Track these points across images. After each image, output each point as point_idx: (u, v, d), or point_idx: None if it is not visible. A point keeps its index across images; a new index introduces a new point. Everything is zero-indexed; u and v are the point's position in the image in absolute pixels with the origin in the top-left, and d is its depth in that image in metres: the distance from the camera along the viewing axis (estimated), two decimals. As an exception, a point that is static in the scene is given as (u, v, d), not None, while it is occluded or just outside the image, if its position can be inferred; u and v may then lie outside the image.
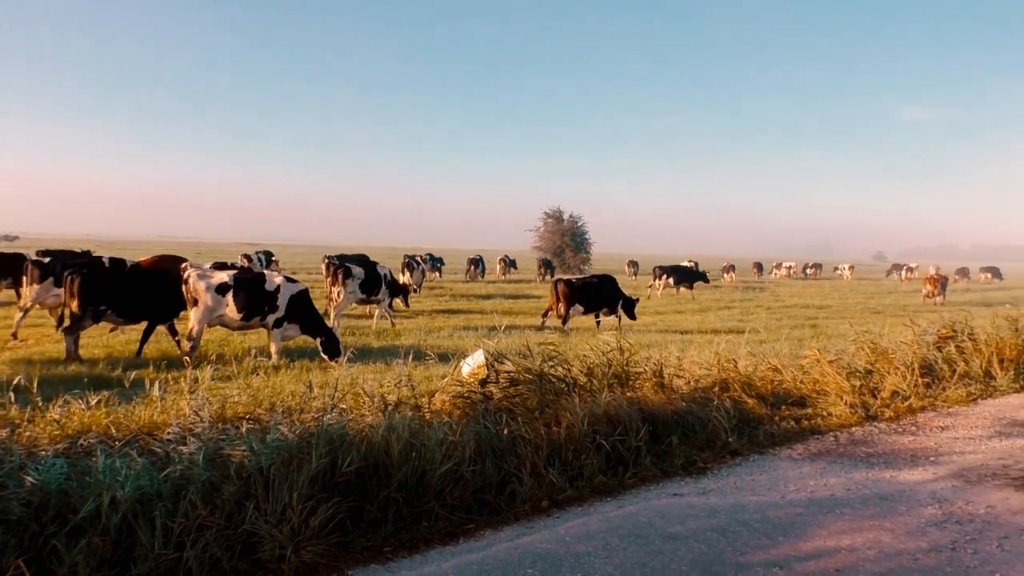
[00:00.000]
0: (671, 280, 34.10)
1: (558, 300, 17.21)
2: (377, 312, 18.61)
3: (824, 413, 8.36)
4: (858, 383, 9.04)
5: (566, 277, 18.45)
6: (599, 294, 17.74)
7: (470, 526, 5.23)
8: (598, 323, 18.01)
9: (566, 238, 61.20)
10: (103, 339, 14.44)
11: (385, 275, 18.17)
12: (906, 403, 8.84)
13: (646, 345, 12.21)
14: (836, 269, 67.85)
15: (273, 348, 12.31)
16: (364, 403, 6.67)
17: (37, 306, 14.88)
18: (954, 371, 10.14)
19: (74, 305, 11.76)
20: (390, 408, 6.39)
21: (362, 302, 18.09)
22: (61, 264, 14.12)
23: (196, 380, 7.15)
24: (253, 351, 12.05)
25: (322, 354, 12.47)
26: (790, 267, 62.12)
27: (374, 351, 13.34)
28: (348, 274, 17.17)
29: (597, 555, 4.59)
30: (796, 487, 5.99)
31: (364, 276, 17.46)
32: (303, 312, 12.62)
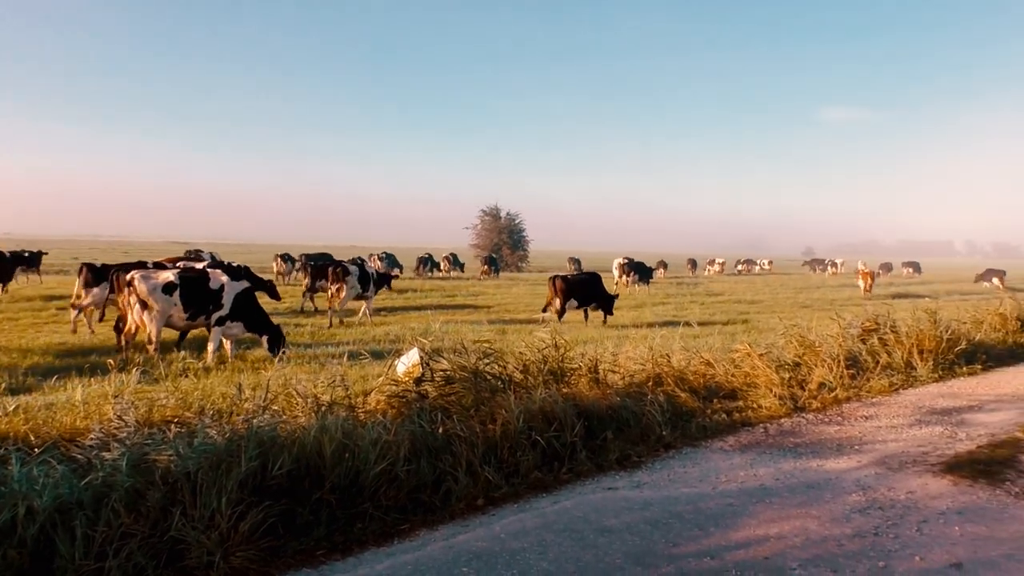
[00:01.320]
0: (636, 276, 34.62)
1: (555, 295, 18.24)
2: (364, 306, 19.58)
3: (754, 405, 8.55)
4: (787, 375, 9.27)
5: (563, 274, 19.55)
6: (592, 291, 18.80)
7: (405, 526, 5.18)
8: (586, 316, 19.10)
9: (503, 235, 61.29)
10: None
11: (372, 273, 19.55)
12: (832, 394, 9.11)
13: (582, 341, 12.30)
14: (756, 263, 69.55)
15: (211, 347, 12.04)
16: (297, 404, 6.54)
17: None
18: (877, 362, 10.49)
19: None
20: (323, 409, 6.27)
21: (357, 297, 19.26)
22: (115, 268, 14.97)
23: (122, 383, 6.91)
24: (182, 353, 11.73)
25: (267, 350, 12.33)
26: (722, 263, 63.41)
27: (312, 349, 13.12)
28: (347, 272, 18.54)
29: (532, 551, 4.59)
30: (727, 478, 6.10)
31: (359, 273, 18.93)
32: (247, 310, 12.47)
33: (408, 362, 7.81)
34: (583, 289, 18.62)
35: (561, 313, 18.17)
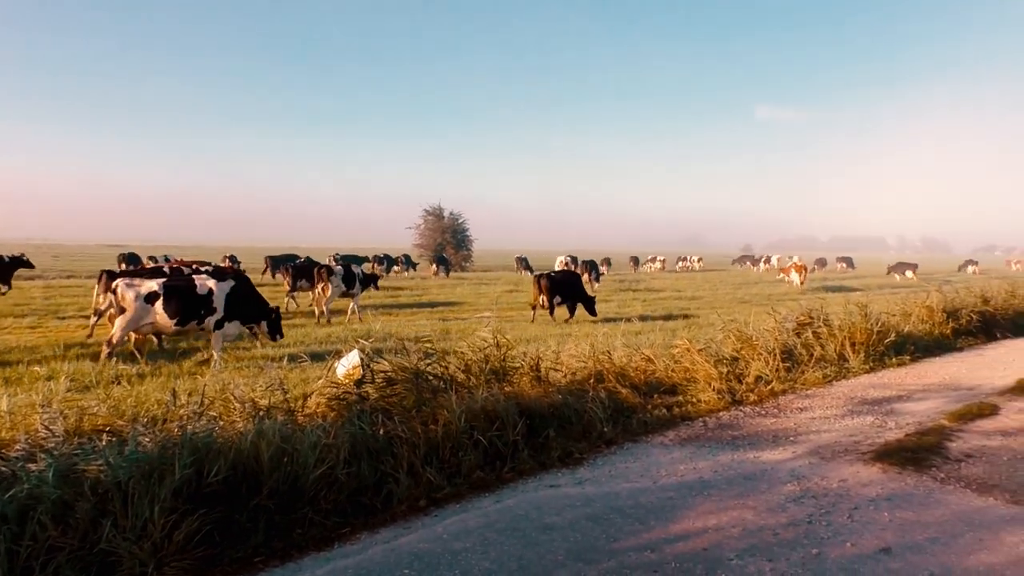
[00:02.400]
0: (593, 275, 34.90)
1: (540, 292, 19.52)
2: (351, 304, 20.10)
3: (694, 400, 8.69)
4: (725, 370, 9.45)
5: (546, 273, 20.74)
6: (572, 288, 20.15)
7: (345, 530, 5.11)
8: (572, 312, 20.09)
9: (447, 235, 61.05)
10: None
11: (359, 273, 20.13)
12: (769, 387, 9.32)
13: (526, 340, 12.33)
14: (685, 260, 69.31)
15: (215, 350, 12.07)
16: (235, 409, 6.40)
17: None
18: (812, 355, 10.78)
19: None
20: (261, 413, 6.16)
21: (342, 295, 19.83)
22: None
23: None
24: (114, 359, 11.38)
25: (267, 335, 12.87)
26: (663, 260, 64.32)
27: (250, 351, 12.87)
28: (331, 272, 19.29)
29: (474, 551, 4.58)
30: (667, 472, 6.19)
31: (343, 273, 19.62)
32: (241, 306, 12.56)
33: (348, 364, 7.71)
34: (565, 286, 19.95)
35: (551, 308, 19.50)
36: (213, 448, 5.27)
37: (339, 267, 19.76)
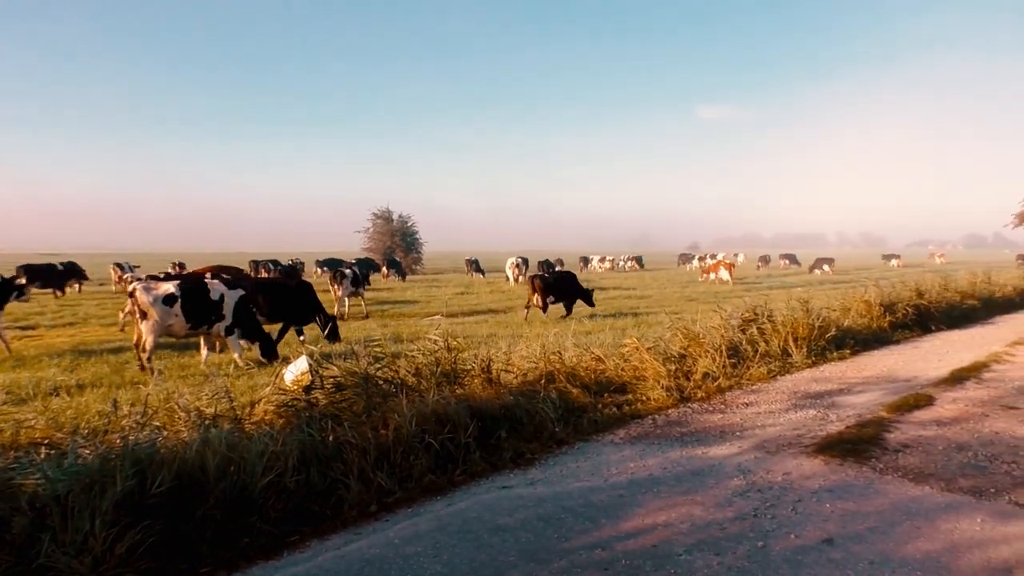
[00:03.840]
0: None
1: (534, 292, 20.50)
2: (360, 302, 23.24)
3: (643, 398, 8.80)
4: (673, 367, 9.59)
5: (540, 274, 22.22)
6: (568, 287, 21.10)
7: (295, 538, 5.05)
8: (569, 310, 20.94)
9: (396, 238, 60.67)
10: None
11: (360, 276, 23.03)
12: (715, 383, 9.49)
13: (477, 342, 12.33)
14: (604, 259, 66.52)
15: (235, 354, 12.29)
16: (179, 419, 6.28)
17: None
18: (756, 351, 11.00)
19: None
20: (207, 422, 6.04)
21: (351, 295, 22.63)
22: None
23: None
24: (52, 370, 11.06)
25: (261, 356, 12.56)
26: (612, 260, 64.90)
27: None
28: (343, 276, 21.97)
29: (426, 555, 4.57)
30: (618, 470, 6.26)
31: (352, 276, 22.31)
32: (247, 317, 12.64)
33: (296, 370, 7.63)
34: (559, 286, 20.96)
35: (544, 307, 20.37)
36: (156, 459, 5.15)
37: (350, 271, 22.44)
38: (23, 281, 17.88)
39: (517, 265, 37.63)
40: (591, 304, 21.13)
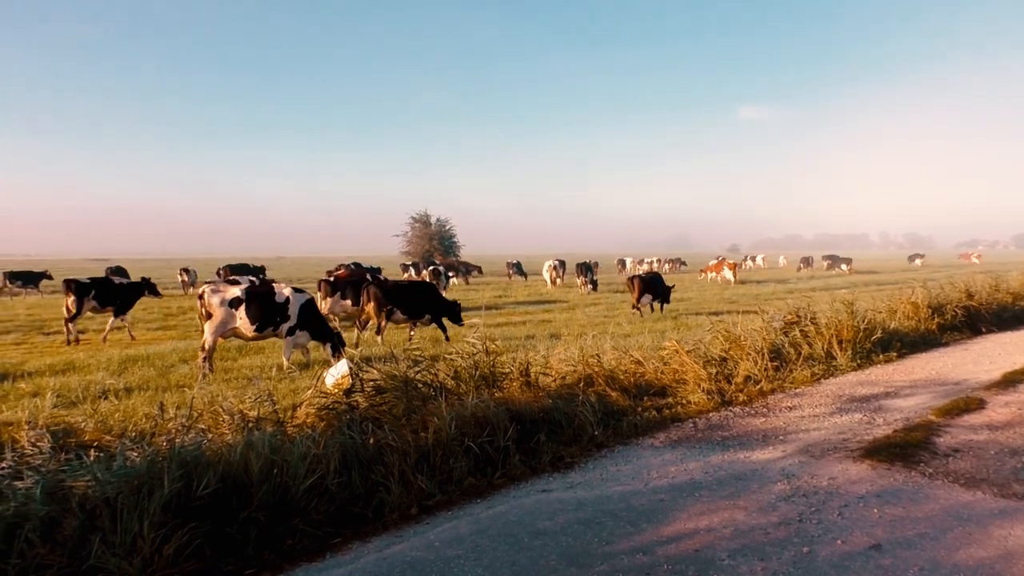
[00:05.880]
0: (589, 276, 34.77)
1: (633, 290, 22.38)
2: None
3: (684, 401, 8.71)
4: (714, 370, 9.48)
5: (639, 274, 23.60)
6: (661, 287, 22.91)
7: (337, 540, 5.09)
8: (652, 308, 22.71)
9: (434, 242, 60.97)
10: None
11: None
12: (757, 387, 9.36)
13: (515, 346, 12.33)
14: (642, 262, 65.67)
15: (285, 355, 12.63)
16: (224, 421, 6.38)
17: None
18: (799, 354, 10.83)
19: (371, 309, 15.26)
20: (250, 425, 6.13)
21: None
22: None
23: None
24: (101, 374, 11.31)
25: (331, 357, 12.86)
26: (651, 263, 64.38)
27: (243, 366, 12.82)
28: (438, 273, 23.58)
29: (467, 558, 4.58)
30: (658, 474, 6.20)
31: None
32: (312, 319, 13.05)
33: (337, 373, 7.69)
34: (653, 285, 22.70)
35: (638, 305, 22.07)
36: (202, 461, 5.24)
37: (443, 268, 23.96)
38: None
39: (555, 267, 37.59)
40: (667, 302, 22.89)
